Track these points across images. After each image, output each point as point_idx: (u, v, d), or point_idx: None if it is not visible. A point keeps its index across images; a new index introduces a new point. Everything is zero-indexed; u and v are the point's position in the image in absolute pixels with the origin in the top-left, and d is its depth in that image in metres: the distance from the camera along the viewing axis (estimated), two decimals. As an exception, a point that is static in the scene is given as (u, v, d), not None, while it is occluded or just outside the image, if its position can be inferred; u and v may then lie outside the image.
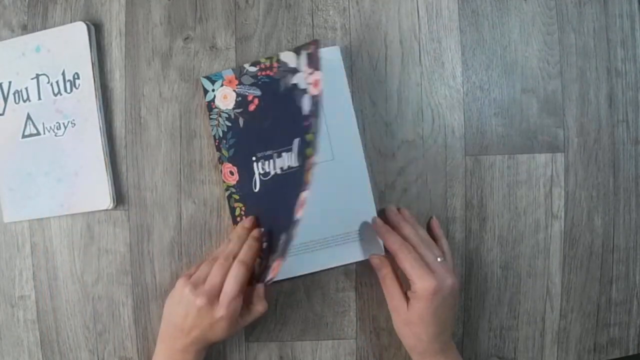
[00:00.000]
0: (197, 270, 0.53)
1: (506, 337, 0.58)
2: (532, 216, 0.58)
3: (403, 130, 0.57)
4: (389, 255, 0.53)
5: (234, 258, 0.51)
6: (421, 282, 0.50)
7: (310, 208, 0.56)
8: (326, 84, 0.55)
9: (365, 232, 0.56)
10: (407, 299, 0.51)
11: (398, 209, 0.56)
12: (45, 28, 0.57)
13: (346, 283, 0.58)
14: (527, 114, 0.57)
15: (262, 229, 0.55)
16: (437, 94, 0.57)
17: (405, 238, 0.53)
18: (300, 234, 0.56)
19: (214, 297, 0.50)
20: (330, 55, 0.56)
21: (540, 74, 0.57)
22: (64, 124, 0.57)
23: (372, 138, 0.57)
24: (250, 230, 0.55)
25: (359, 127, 0.56)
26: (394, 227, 0.54)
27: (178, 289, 0.52)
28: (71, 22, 0.57)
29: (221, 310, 0.49)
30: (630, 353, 0.58)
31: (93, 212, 0.57)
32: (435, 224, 0.57)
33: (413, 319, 0.51)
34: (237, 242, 0.53)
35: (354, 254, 0.56)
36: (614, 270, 0.58)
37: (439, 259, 0.52)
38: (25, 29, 0.58)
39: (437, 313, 0.50)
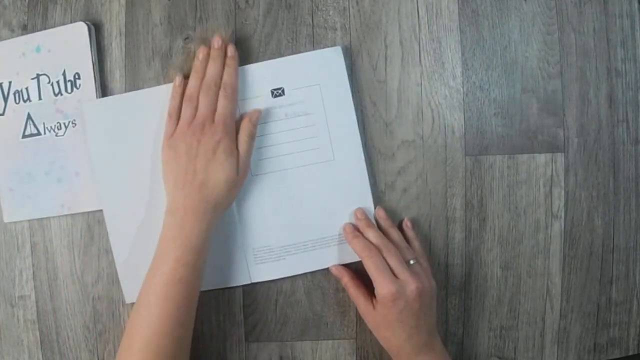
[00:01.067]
0: (181, 115, 0.52)
1: (506, 337, 0.58)
2: (532, 216, 0.58)
3: (403, 130, 0.57)
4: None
5: (216, 85, 0.52)
6: (381, 289, 0.49)
7: (309, 207, 0.56)
8: (327, 84, 0.55)
9: None
10: (376, 302, 0.51)
11: (357, 213, 0.55)
12: (45, 28, 0.57)
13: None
14: (527, 114, 0.57)
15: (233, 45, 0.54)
16: (437, 94, 0.57)
17: (371, 242, 0.52)
18: (299, 233, 0.56)
19: (210, 125, 0.50)
20: (331, 55, 0.56)
21: (540, 74, 0.57)
22: (64, 124, 0.57)
23: (372, 138, 0.57)
24: (223, 49, 0.54)
25: (359, 127, 0.56)
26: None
27: (172, 140, 0.51)
28: (71, 22, 0.57)
29: (219, 128, 0.49)
30: (630, 353, 0.58)
31: (93, 212, 0.57)
32: (406, 225, 0.56)
33: (380, 323, 0.51)
34: (215, 66, 0.52)
35: (350, 253, 0.55)
36: (614, 270, 0.58)
37: (411, 262, 0.52)
38: (25, 29, 0.58)
39: (402, 318, 0.50)
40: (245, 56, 0.57)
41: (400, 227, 0.56)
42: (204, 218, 0.49)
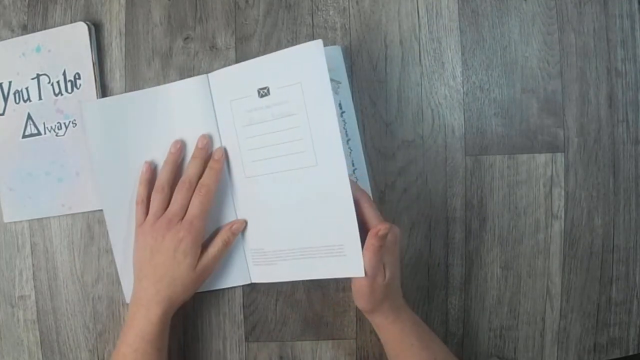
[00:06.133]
0: (151, 206, 0.51)
1: (506, 337, 0.58)
2: (532, 216, 0.58)
3: (403, 130, 0.57)
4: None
5: (192, 183, 0.51)
6: (393, 228, 0.48)
7: (296, 214, 0.52)
8: (307, 83, 0.50)
9: (348, 249, 0.49)
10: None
11: None
12: (45, 28, 0.58)
13: (346, 283, 0.58)
14: (527, 114, 0.57)
15: (224, 147, 0.52)
16: (437, 94, 0.57)
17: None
18: (289, 240, 0.52)
19: (177, 222, 0.49)
20: (311, 50, 0.50)
21: (540, 74, 0.57)
22: (64, 123, 0.57)
23: (372, 138, 0.57)
24: (206, 149, 0.52)
25: (359, 127, 0.56)
26: None
27: (142, 229, 0.51)
28: (71, 22, 0.57)
29: (184, 227, 0.48)
30: (630, 353, 0.58)
31: (93, 212, 0.57)
32: None
33: (388, 274, 0.49)
34: (195, 165, 0.51)
35: (334, 270, 0.51)
36: (614, 270, 0.58)
37: None
38: (25, 29, 0.58)
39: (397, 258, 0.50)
40: (246, 56, 0.57)
41: None
42: (155, 311, 0.50)
